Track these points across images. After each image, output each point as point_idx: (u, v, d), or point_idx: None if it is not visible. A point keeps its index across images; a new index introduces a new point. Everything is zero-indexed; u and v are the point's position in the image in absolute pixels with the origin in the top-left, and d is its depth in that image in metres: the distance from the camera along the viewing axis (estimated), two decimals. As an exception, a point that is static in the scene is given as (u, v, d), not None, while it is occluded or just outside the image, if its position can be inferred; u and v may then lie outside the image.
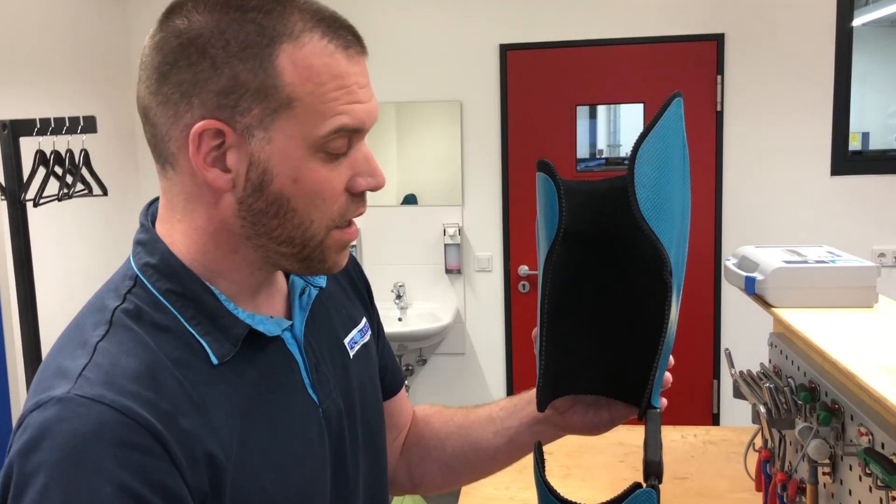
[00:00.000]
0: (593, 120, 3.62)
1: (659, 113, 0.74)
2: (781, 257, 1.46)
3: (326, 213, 0.73)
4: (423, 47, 3.56)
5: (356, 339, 0.91)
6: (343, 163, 0.73)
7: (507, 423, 0.98)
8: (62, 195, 2.33)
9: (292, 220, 0.72)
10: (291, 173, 0.71)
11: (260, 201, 0.71)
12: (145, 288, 0.73)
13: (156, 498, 0.63)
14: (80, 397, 0.64)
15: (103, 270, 3.48)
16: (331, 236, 0.75)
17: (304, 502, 0.76)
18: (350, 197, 0.74)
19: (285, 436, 0.75)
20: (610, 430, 0.91)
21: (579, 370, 0.87)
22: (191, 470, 0.66)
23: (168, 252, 0.75)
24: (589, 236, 0.80)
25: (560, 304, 0.82)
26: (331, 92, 0.71)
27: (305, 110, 0.70)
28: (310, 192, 0.72)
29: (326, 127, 0.70)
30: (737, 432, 2.08)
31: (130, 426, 0.64)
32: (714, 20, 3.37)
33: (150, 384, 0.67)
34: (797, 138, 3.36)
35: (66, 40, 3.20)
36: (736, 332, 3.46)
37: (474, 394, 3.73)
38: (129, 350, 0.68)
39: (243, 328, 0.74)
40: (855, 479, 1.17)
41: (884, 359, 1.11)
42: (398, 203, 3.70)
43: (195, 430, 0.67)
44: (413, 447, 1.06)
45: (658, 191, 0.73)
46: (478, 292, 3.68)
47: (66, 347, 0.70)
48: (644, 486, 0.74)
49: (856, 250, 1.62)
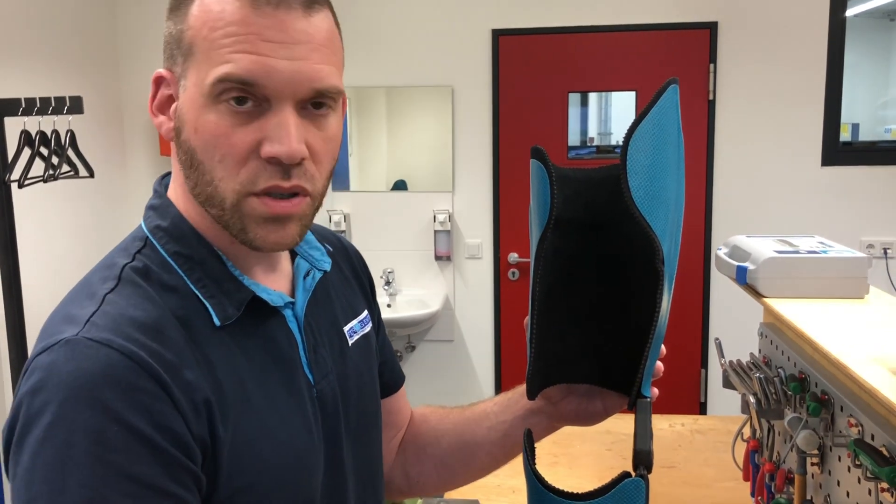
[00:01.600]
0: (585, 107, 3.61)
1: (654, 99, 0.73)
2: (773, 247, 1.46)
3: (232, 173, 0.70)
4: (414, 32, 3.53)
5: (356, 329, 0.91)
6: (253, 123, 0.70)
7: (502, 417, 0.97)
8: (48, 176, 2.30)
9: (203, 175, 0.72)
10: (193, 122, 0.71)
11: (180, 151, 0.73)
12: (154, 249, 0.75)
13: (163, 441, 0.64)
14: (88, 339, 0.65)
15: (89, 252, 3.45)
16: (247, 203, 0.71)
17: (299, 474, 0.76)
18: (262, 163, 0.70)
19: (281, 407, 0.75)
20: (604, 419, 0.90)
21: (571, 358, 0.86)
22: (195, 418, 0.67)
23: (179, 216, 0.77)
24: (584, 224, 0.79)
25: (553, 292, 0.81)
26: (221, 38, 0.69)
27: (201, 56, 0.70)
28: (207, 143, 0.70)
29: (211, 75, 0.69)
30: (724, 421, 2.09)
31: (137, 370, 0.64)
32: (707, 8, 3.35)
33: (156, 336, 0.67)
34: (789, 128, 3.36)
35: (54, 20, 3.15)
36: (725, 322, 3.47)
37: (463, 381, 3.73)
38: (136, 304, 0.69)
39: (247, 293, 0.75)
40: (844, 470, 1.17)
41: (874, 350, 1.11)
42: (388, 189, 3.68)
43: (198, 382, 0.68)
44: (409, 446, 1.04)
45: (651, 178, 0.72)
46: (467, 279, 3.67)
47: (75, 299, 0.71)
48: (633, 475, 0.73)
49: (845, 241, 1.61)
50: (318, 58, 0.71)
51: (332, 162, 0.76)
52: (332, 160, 0.77)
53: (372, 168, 3.70)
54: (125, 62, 3.64)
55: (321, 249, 0.88)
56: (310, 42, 0.70)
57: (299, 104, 0.71)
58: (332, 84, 0.72)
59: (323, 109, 0.73)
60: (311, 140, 0.72)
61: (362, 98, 3.62)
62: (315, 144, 0.73)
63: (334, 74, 0.73)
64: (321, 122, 0.74)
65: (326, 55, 0.72)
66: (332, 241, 0.96)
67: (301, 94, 0.70)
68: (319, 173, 0.74)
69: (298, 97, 0.70)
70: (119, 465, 0.62)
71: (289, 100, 0.70)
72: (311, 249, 0.88)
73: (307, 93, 0.71)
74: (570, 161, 3.55)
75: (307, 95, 0.71)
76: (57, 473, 0.61)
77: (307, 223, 0.76)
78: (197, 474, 0.67)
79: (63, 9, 3.22)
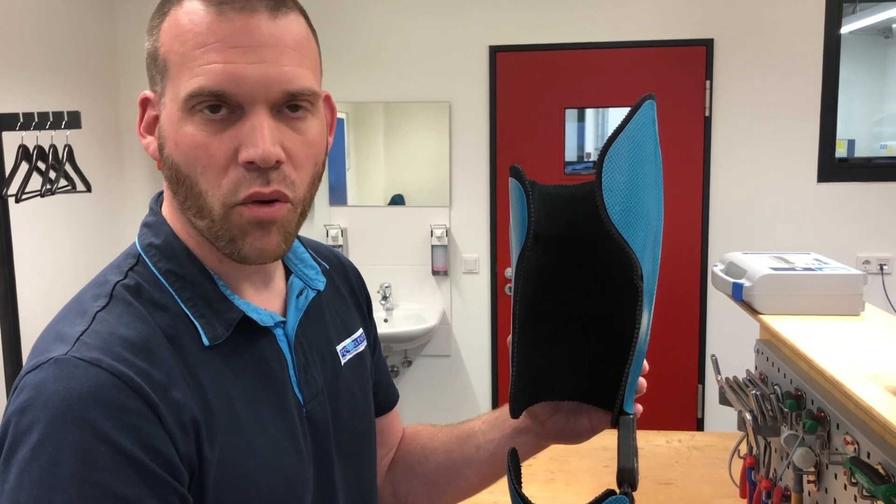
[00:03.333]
0: (581, 123, 3.62)
1: (629, 115, 0.72)
2: (769, 264, 1.46)
3: (215, 183, 0.70)
4: (412, 48, 3.55)
5: (349, 348, 0.90)
6: (228, 131, 0.69)
7: (489, 436, 0.96)
8: (45, 191, 2.30)
9: (191, 188, 0.71)
10: (173, 136, 0.71)
11: (166, 168, 0.74)
12: (147, 267, 0.76)
13: (150, 461, 0.64)
14: (76, 359, 0.65)
15: (87, 267, 3.44)
16: (234, 214, 0.71)
17: (287, 495, 0.75)
18: (242, 170, 0.70)
19: (269, 427, 0.75)
20: (591, 438, 0.89)
21: (557, 375, 0.85)
22: (182, 438, 0.67)
23: (172, 235, 0.77)
24: (566, 240, 0.79)
25: (537, 309, 0.80)
26: (191, 51, 0.69)
27: (174, 71, 0.71)
28: (188, 156, 0.70)
29: (183, 89, 0.70)
30: (721, 438, 2.08)
31: (125, 391, 0.64)
32: (703, 25, 3.37)
33: (146, 356, 0.67)
34: (785, 144, 3.38)
35: (53, 34, 3.16)
36: (722, 338, 3.47)
37: (460, 396, 3.71)
38: (126, 322, 0.70)
39: (237, 313, 0.75)
40: (840, 488, 1.17)
41: (870, 367, 1.11)
42: (385, 203, 3.68)
43: (186, 402, 0.68)
44: (398, 464, 1.04)
45: (628, 196, 0.71)
46: (464, 294, 3.67)
47: (66, 317, 0.72)
48: (617, 492, 0.73)
49: (841, 257, 1.62)
50: (287, 60, 0.70)
51: (314, 167, 0.75)
52: (315, 165, 0.75)
53: (369, 183, 3.71)
54: (124, 77, 3.66)
55: (316, 268, 0.88)
56: (277, 45, 0.70)
57: (273, 108, 0.71)
58: (304, 86, 0.71)
59: (299, 112, 0.72)
60: (289, 144, 0.72)
61: (360, 113, 3.63)
62: (293, 148, 0.72)
63: (306, 77, 0.72)
64: (299, 126, 0.73)
65: (296, 58, 0.71)
66: (329, 257, 0.96)
67: (273, 98, 0.70)
68: (300, 178, 0.73)
69: (271, 101, 0.70)
70: (106, 485, 0.61)
71: (261, 104, 0.70)
72: (306, 268, 0.87)
73: (279, 96, 0.70)
74: (567, 176, 3.56)
75: (279, 99, 0.70)
76: (43, 493, 0.60)
77: (291, 231, 0.75)
78: (184, 495, 0.66)
79: (62, 23, 3.24)
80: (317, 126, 0.75)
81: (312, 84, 0.73)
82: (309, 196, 0.76)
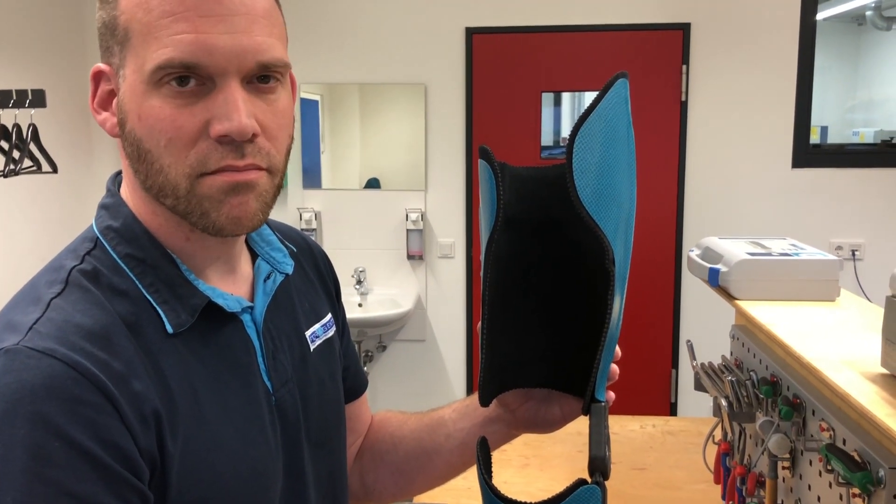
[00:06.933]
0: (558, 107, 3.60)
1: (600, 94, 0.70)
2: (746, 249, 1.45)
3: (180, 157, 0.67)
4: (388, 28, 3.50)
5: (318, 333, 0.88)
6: (199, 103, 0.67)
7: (459, 424, 0.94)
8: (8, 171, 2.25)
9: (152, 164, 0.68)
10: (136, 110, 0.68)
11: (126, 144, 0.70)
12: (105, 251, 0.72)
13: (107, 457, 0.61)
14: (29, 349, 0.62)
15: (52, 252, 3.33)
16: (201, 184, 0.68)
17: (254, 485, 0.73)
18: (213, 143, 0.67)
19: (236, 417, 0.73)
20: (563, 426, 0.88)
21: (526, 361, 0.84)
22: (142, 432, 0.64)
23: (132, 217, 0.73)
24: (538, 224, 0.77)
25: (508, 294, 0.78)
26: (157, 19, 0.66)
27: (138, 41, 0.67)
28: (153, 130, 0.67)
29: (150, 61, 0.66)
30: (696, 423, 2.08)
31: (81, 382, 0.61)
32: (680, 10, 3.36)
33: (104, 345, 0.64)
34: (760, 130, 3.39)
35: (15, 9, 3.07)
36: (697, 324, 3.48)
37: (434, 381, 3.70)
38: (83, 309, 0.66)
39: (202, 299, 0.72)
40: (815, 475, 1.17)
41: (846, 353, 1.10)
42: (360, 187, 3.64)
43: (147, 393, 0.65)
44: (366, 452, 1.02)
45: (600, 177, 0.69)
46: (439, 279, 3.65)
47: (19, 305, 0.68)
48: (589, 481, 0.71)
49: (814, 242, 1.61)
50: (258, 30, 0.68)
51: (287, 138, 0.73)
52: (288, 136, 0.73)
53: (344, 166, 3.66)
54: (92, 55, 3.57)
55: (283, 251, 0.85)
56: (248, 14, 0.67)
57: (245, 79, 0.68)
58: (276, 56, 0.69)
59: (271, 83, 0.70)
60: (262, 116, 0.69)
61: (335, 95, 3.58)
62: (265, 120, 0.69)
63: (277, 47, 0.70)
64: (269, 97, 0.70)
65: (267, 27, 0.69)
66: (296, 240, 0.93)
67: (246, 69, 0.67)
68: (276, 149, 0.71)
69: (243, 72, 0.67)
70: (59, 482, 0.58)
71: (234, 75, 0.67)
72: (273, 251, 0.84)
73: (252, 67, 0.67)
74: (544, 160, 3.55)
75: (252, 69, 0.68)
76: None
77: (268, 202, 0.72)
78: (143, 491, 0.63)
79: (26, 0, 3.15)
80: (286, 97, 0.73)
81: (284, 55, 0.71)
82: (284, 165, 0.73)
